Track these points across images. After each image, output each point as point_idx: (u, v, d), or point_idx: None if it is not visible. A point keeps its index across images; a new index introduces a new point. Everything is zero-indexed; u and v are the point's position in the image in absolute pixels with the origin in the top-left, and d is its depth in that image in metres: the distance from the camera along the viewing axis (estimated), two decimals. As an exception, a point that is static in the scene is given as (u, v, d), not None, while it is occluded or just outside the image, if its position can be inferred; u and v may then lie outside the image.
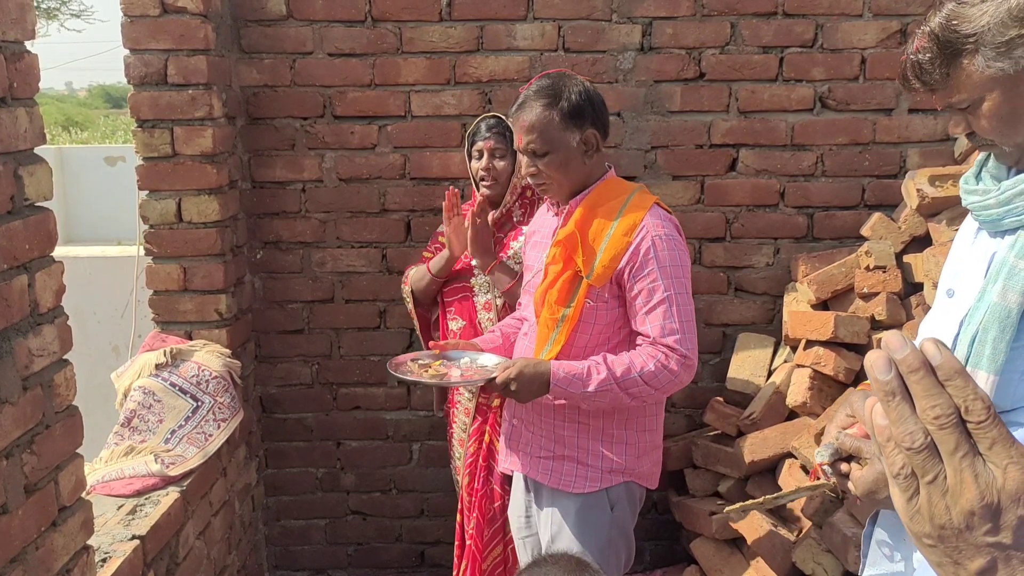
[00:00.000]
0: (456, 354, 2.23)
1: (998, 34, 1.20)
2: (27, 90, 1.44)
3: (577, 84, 2.03)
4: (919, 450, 0.55)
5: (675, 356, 1.94)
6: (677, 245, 2.00)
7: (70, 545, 1.56)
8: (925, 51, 1.27)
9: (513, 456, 2.20)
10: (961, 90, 1.26)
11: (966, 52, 1.23)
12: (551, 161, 2.01)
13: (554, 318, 2.03)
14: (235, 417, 2.61)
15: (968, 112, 1.29)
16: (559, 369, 1.96)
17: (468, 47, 2.90)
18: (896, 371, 0.57)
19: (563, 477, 2.08)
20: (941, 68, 1.26)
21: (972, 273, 1.34)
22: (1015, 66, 1.21)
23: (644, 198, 2.04)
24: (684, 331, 1.95)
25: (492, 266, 2.45)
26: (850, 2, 2.85)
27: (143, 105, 2.63)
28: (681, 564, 3.02)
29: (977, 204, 1.32)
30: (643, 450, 2.09)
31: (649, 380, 1.94)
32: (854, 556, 2.25)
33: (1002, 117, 1.25)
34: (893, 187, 2.94)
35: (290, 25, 2.88)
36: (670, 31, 2.89)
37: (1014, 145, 1.28)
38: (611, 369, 1.94)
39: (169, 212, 2.68)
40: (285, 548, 3.25)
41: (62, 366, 1.54)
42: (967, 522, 0.54)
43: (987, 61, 1.22)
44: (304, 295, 3.07)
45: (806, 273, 2.84)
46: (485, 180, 2.51)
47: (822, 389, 2.59)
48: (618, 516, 2.09)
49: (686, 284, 1.99)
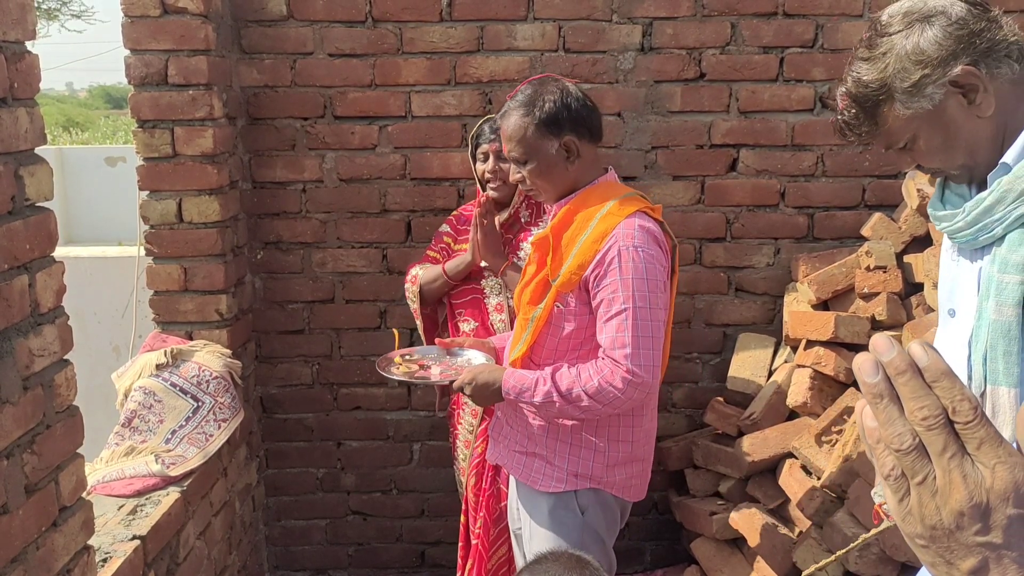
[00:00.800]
0: (460, 351, 2.28)
1: (904, 79, 1.29)
2: (28, 90, 1.44)
3: (554, 92, 2.00)
4: (908, 451, 0.56)
5: (620, 372, 1.87)
6: (647, 257, 1.91)
7: (71, 545, 1.56)
8: (848, 109, 1.37)
9: (496, 447, 2.24)
10: (892, 134, 1.35)
11: (882, 102, 1.32)
12: (533, 169, 2.02)
13: (526, 318, 2.05)
14: (236, 417, 2.61)
15: (908, 150, 1.36)
16: (510, 378, 2.00)
17: (468, 47, 2.90)
18: (883, 373, 0.57)
19: (532, 474, 2.09)
20: (867, 122, 1.35)
21: (967, 290, 1.36)
22: (931, 102, 1.29)
23: (627, 205, 1.98)
24: (637, 347, 1.87)
25: (504, 267, 2.45)
26: (850, 2, 2.85)
27: (144, 105, 2.63)
28: (682, 564, 3.02)
29: (949, 228, 1.36)
30: (614, 460, 2.05)
31: (593, 396, 1.90)
32: (854, 556, 2.26)
33: (937, 147, 1.32)
34: (893, 187, 2.94)
35: (290, 25, 2.88)
36: (670, 31, 2.89)
37: (960, 167, 1.34)
38: (556, 383, 1.94)
39: (170, 212, 2.68)
40: (286, 548, 3.26)
41: (63, 366, 1.54)
42: (957, 522, 0.55)
43: (904, 105, 1.30)
44: (305, 295, 3.08)
45: (806, 273, 2.84)
46: (492, 182, 2.50)
47: (823, 389, 2.59)
48: (589, 521, 2.07)
49: (650, 298, 1.89)
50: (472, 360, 2.24)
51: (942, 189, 1.42)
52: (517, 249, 2.53)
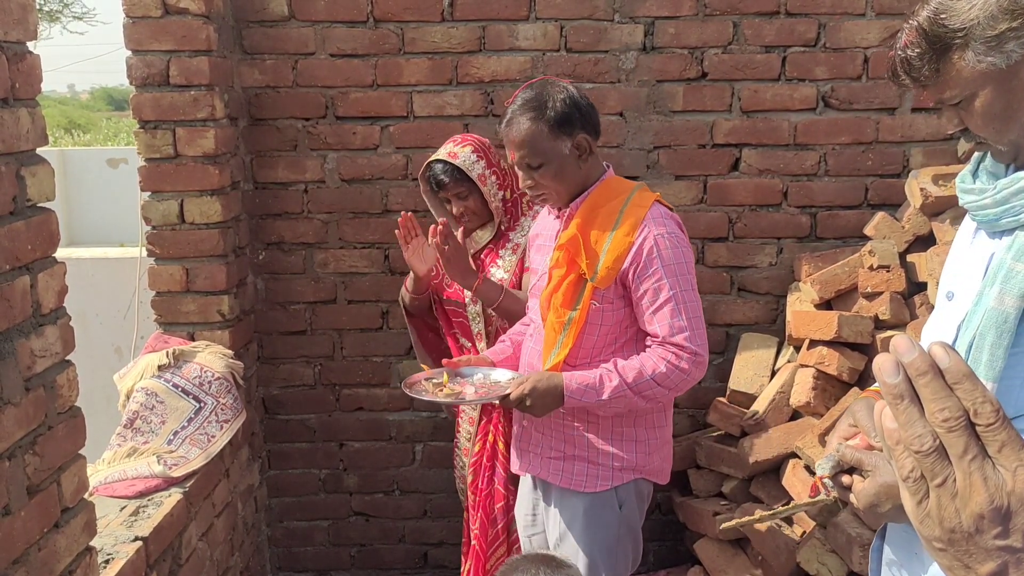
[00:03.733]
0: (469, 370, 2.22)
1: (988, 28, 1.15)
2: (29, 91, 1.44)
3: (561, 91, 2.01)
4: (928, 453, 0.55)
5: (685, 354, 1.94)
6: (680, 242, 1.99)
7: (73, 546, 1.56)
8: (913, 46, 1.22)
9: (524, 458, 2.20)
10: (952, 86, 1.21)
11: (956, 47, 1.18)
12: (546, 172, 2.00)
13: (560, 321, 2.02)
14: (238, 418, 2.61)
15: (960, 108, 1.24)
16: (572, 381, 1.97)
17: (470, 47, 2.90)
18: (904, 374, 0.56)
19: (574, 477, 2.08)
20: (930, 64, 1.21)
21: (971, 275, 1.30)
22: (1007, 60, 1.16)
23: (644, 196, 2.04)
24: (693, 327, 1.95)
25: (476, 285, 2.36)
26: (853, 1, 2.84)
27: (145, 106, 2.63)
28: (685, 565, 3.01)
29: (973, 204, 1.28)
30: (653, 447, 2.10)
31: (662, 381, 1.94)
32: (858, 556, 2.25)
33: (995, 114, 1.20)
34: (896, 186, 2.93)
35: (292, 26, 2.88)
36: (672, 31, 2.88)
37: (1009, 143, 1.23)
38: (623, 375, 1.95)
39: (171, 213, 2.67)
40: (288, 549, 3.25)
41: (64, 367, 1.54)
42: (977, 525, 0.54)
43: (978, 56, 1.17)
44: (306, 296, 3.07)
45: (809, 273, 2.83)
46: (466, 220, 2.46)
47: (826, 389, 2.58)
48: (626, 514, 2.10)
49: (691, 281, 1.99)
50: (491, 376, 2.18)
51: (977, 163, 1.34)
52: (497, 258, 2.50)
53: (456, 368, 2.23)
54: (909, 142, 2.94)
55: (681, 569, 3.03)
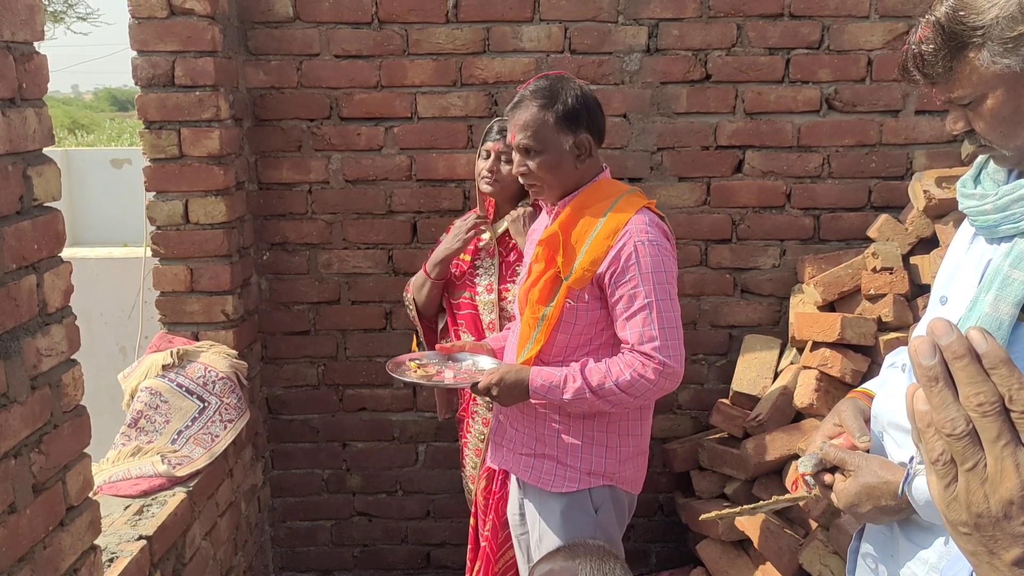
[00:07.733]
0: (461, 356, 2.25)
1: (1007, 28, 1.12)
2: (36, 91, 1.44)
3: (574, 88, 2.02)
4: (960, 436, 0.55)
5: (652, 364, 1.91)
6: (662, 251, 1.96)
7: (77, 545, 1.57)
8: (928, 41, 1.19)
9: (497, 452, 2.22)
10: (964, 85, 1.19)
11: (972, 45, 1.15)
12: (542, 162, 2.00)
13: (535, 317, 2.04)
14: (241, 418, 2.62)
15: (969, 109, 1.22)
16: (537, 377, 1.99)
17: (474, 49, 2.90)
18: (940, 357, 0.56)
19: (543, 475, 2.08)
20: (944, 60, 1.18)
21: (966, 280, 1.29)
22: (1022, 63, 1.13)
23: (632, 201, 2.02)
24: (664, 338, 1.92)
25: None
26: (857, 3, 2.85)
27: (150, 106, 2.63)
28: (687, 566, 3.01)
29: (973, 209, 1.27)
30: (625, 455, 2.08)
31: (625, 389, 1.93)
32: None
33: (1004, 117, 1.18)
34: (900, 189, 2.93)
35: (297, 27, 2.89)
36: (676, 32, 2.89)
37: (1014, 148, 1.21)
38: (587, 378, 1.95)
39: (176, 213, 2.68)
40: (291, 549, 3.26)
41: (70, 366, 1.54)
42: (1005, 511, 0.54)
43: (993, 56, 1.14)
44: (310, 296, 3.08)
45: (812, 274, 2.83)
46: (487, 179, 2.48)
47: (829, 391, 2.58)
48: (603, 519, 2.08)
49: (670, 290, 1.96)
50: (479, 364, 2.22)
51: (979, 169, 1.32)
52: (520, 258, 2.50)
53: (450, 352, 2.26)
54: (913, 144, 2.94)
55: (684, 570, 3.03)
